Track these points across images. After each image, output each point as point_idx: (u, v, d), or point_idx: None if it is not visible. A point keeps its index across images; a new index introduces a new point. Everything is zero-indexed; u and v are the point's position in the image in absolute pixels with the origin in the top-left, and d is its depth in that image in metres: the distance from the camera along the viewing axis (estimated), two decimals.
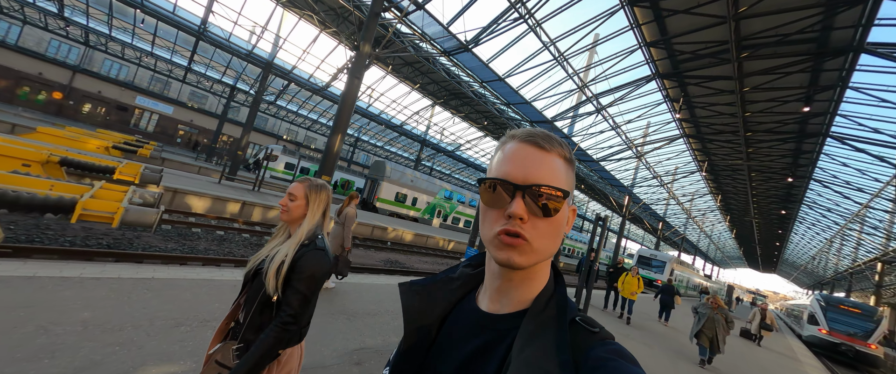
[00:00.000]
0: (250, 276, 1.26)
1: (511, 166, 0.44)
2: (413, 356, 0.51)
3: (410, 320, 0.52)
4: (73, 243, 5.24)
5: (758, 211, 26.76)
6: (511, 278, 0.47)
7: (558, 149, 0.46)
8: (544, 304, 0.45)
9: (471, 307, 0.51)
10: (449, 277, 0.56)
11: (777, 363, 8.31)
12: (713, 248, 54.20)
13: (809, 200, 21.21)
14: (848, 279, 30.26)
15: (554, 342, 0.40)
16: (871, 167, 13.73)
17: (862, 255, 25.31)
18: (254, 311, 1.19)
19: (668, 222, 32.71)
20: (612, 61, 11.71)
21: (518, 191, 0.43)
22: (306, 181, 1.33)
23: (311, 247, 1.23)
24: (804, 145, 14.39)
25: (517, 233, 0.42)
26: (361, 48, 8.58)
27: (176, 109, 32.04)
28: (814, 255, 34.98)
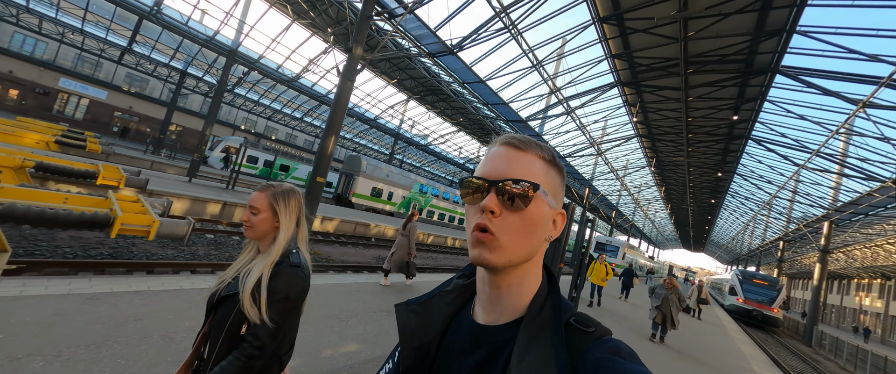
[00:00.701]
0: (215, 301, 1.08)
1: (488, 165, 0.47)
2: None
3: (407, 340, 0.51)
4: (119, 255, 5.50)
5: (693, 200, 30.74)
6: (498, 284, 0.47)
7: (536, 150, 0.47)
8: (538, 310, 0.45)
9: (467, 321, 0.51)
10: (444, 291, 0.56)
11: (712, 333, 10.14)
12: (655, 232, 60.83)
13: (733, 190, 24.93)
14: (758, 256, 36.11)
15: (551, 349, 0.41)
16: (778, 165, 16.65)
17: (769, 235, 30.35)
18: (221, 344, 1.02)
19: (620, 210, 36.23)
20: (582, 69, 12.87)
21: (492, 186, 0.45)
22: (268, 189, 1.15)
23: (285, 264, 1.07)
24: (731, 146, 16.98)
25: (486, 227, 0.44)
26: (354, 51, 8.65)
27: (111, 94, 28.44)
28: (733, 236, 41.01)
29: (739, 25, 9.19)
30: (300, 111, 33.03)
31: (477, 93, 14.79)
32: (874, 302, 29.40)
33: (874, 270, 26.92)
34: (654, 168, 22.07)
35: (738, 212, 30.17)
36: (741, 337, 11.26)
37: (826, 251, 19.25)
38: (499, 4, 9.54)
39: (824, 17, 7.47)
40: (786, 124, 13.18)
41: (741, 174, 20.54)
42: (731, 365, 6.66)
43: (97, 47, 25.25)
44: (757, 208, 25.26)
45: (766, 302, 20.05)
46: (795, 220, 22.88)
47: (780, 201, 21.54)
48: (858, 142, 12.10)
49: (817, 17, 10.74)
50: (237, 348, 1.00)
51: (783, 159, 15.28)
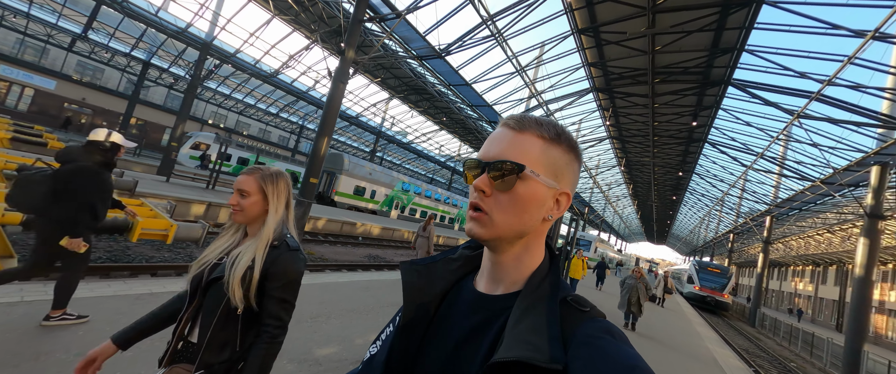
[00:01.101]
0: (202, 284, 1.05)
1: (485, 147, 0.49)
2: (412, 333, 0.52)
3: (410, 296, 0.53)
4: (118, 258, 5.52)
5: (657, 196, 33.16)
6: (498, 258, 0.49)
7: (534, 129, 0.47)
8: (537, 284, 0.47)
9: (468, 288, 0.53)
10: (449, 258, 0.58)
11: (673, 319, 11.31)
12: (623, 226, 64.64)
13: (691, 188, 27.23)
14: (712, 247, 39.61)
15: (545, 319, 0.42)
16: (730, 165, 18.53)
17: (722, 228, 33.42)
18: (214, 328, 0.99)
19: (592, 206, 38.29)
20: (561, 75, 13.68)
21: (485, 166, 0.47)
22: (257, 172, 1.14)
23: (283, 249, 1.07)
24: (690, 148, 18.65)
25: (478, 205, 0.46)
26: (346, 54, 8.78)
27: (60, 84, 26.06)
28: (691, 229, 44.61)
29: (699, 42, 10.27)
30: (275, 107, 31.89)
31: (462, 94, 15.24)
32: (806, 287, 33.33)
33: (807, 258, 30.52)
34: (623, 167, 23.66)
35: (696, 208, 32.97)
36: (698, 320, 12.63)
37: (768, 242, 21.66)
38: (486, 13, 10.00)
39: (769, 39, 8.65)
40: (736, 130, 14.77)
41: (699, 173, 22.56)
42: (691, 344, 7.63)
43: (44, 33, 23.01)
44: (711, 203, 27.79)
45: (718, 289, 22.29)
46: (743, 214, 25.46)
47: (731, 197, 23.90)
48: (794, 147, 13.84)
49: (763, 38, 12.05)
50: (234, 329, 1.00)
51: (733, 161, 17.05)
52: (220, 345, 0.99)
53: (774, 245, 30.50)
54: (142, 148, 26.25)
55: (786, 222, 23.12)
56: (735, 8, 8.48)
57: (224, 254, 1.09)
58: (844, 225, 19.80)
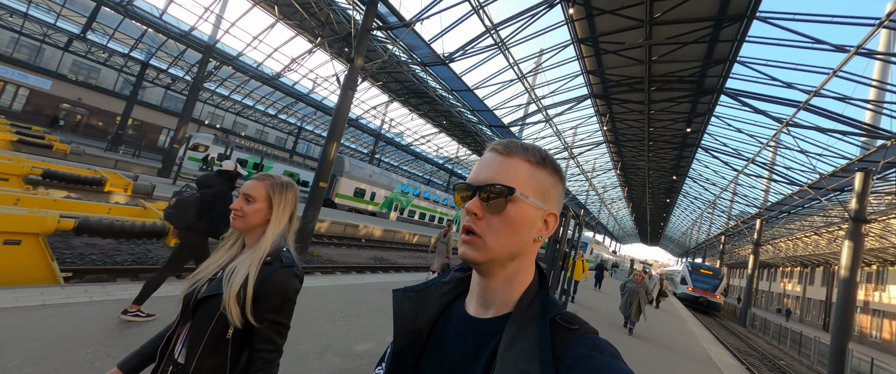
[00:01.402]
0: (194, 301, 0.99)
1: (475, 171, 0.51)
2: (405, 359, 0.52)
3: (400, 323, 0.54)
4: (141, 261, 5.52)
5: (651, 199, 33.80)
6: (489, 280, 0.50)
7: (521, 154, 0.49)
8: (527, 306, 0.48)
9: (459, 312, 0.54)
10: (441, 282, 0.59)
11: (668, 319, 11.71)
12: (617, 228, 65.49)
13: (685, 191, 27.86)
14: (704, 248, 40.42)
15: (536, 343, 0.42)
16: (722, 170, 19.10)
17: (713, 230, 34.17)
18: (202, 352, 0.93)
19: (587, 208, 38.85)
20: (561, 82, 14.06)
21: (476, 191, 0.48)
22: (267, 179, 1.09)
23: (277, 265, 0.99)
24: (684, 152, 19.18)
25: (471, 229, 0.48)
26: (355, 61, 9.03)
27: (55, 84, 25.84)
28: (684, 231, 45.44)
29: (694, 53, 10.71)
30: (274, 108, 31.90)
31: (463, 99, 15.55)
32: (795, 287, 34.21)
33: (795, 259, 31.36)
34: (619, 170, 24.16)
35: (689, 210, 33.67)
36: (692, 320, 13.06)
37: (758, 244, 22.30)
38: (490, 23, 10.32)
39: (760, 51, 9.12)
40: (728, 136, 15.29)
41: (692, 177, 23.15)
42: (687, 343, 7.99)
43: (39, 32, 22.82)
44: (704, 206, 28.45)
45: (710, 290, 22.86)
46: (734, 217, 26.13)
47: (723, 200, 24.54)
48: (783, 153, 14.38)
49: (755, 50, 12.62)
50: (225, 351, 0.94)
51: (725, 165, 17.60)
52: (209, 372, 0.92)
53: (764, 247, 31.30)
54: (140, 149, 26.11)
55: (775, 225, 23.81)
56: (728, 22, 8.91)
57: (220, 269, 1.03)
58: (831, 228, 20.49)
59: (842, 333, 10.76)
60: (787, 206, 18.38)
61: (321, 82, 21.18)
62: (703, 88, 12.32)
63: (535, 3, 9.58)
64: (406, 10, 10.15)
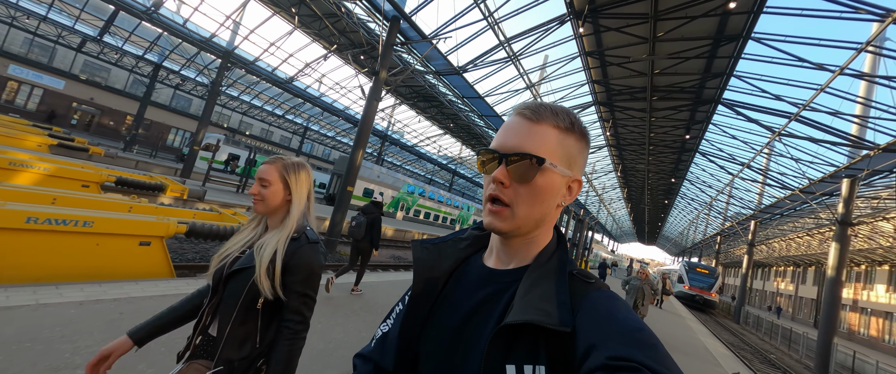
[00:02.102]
0: (223, 277, 1.03)
1: (501, 137, 0.49)
2: (419, 306, 0.53)
3: (419, 271, 0.54)
4: (205, 259, 6.13)
5: (650, 200, 34.67)
6: (510, 243, 0.51)
7: (550, 119, 0.48)
8: (546, 260, 0.49)
9: (478, 264, 0.55)
10: (458, 237, 0.60)
11: (668, 316, 12.46)
12: (616, 227, 66.51)
13: (682, 193, 28.72)
14: (700, 248, 41.42)
15: (554, 288, 0.44)
16: (718, 173, 19.91)
17: (709, 231, 35.11)
18: (234, 322, 0.97)
19: (587, 208, 39.72)
20: (567, 90, 14.79)
21: (502, 158, 0.47)
22: (278, 161, 1.13)
23: (303, 241, 1.04)
24: (683, 157, 19.98)
25: (498, 197, 0.47)
26: (379, 75, 9.69)
27: (68, 84, 26.30)
28: (681, 231, 46.42)
29: (693, 67, 11.44)
30: (281, 109, 32.42)
31: (474, 106, 16.25)
32: (788, 286, 35.24)
33: (788, 259, 32.35)
34: (619, 173, 24.96)
35: (686, 211, 34.59)
36: (689, 316, 13.87)
37: (752, 245, 23.18)
38: (503, 37, 11.01)
39: (754, 66, 9.72)
40: (724, 143, 16.09)
41: (689, 180, 23.98)
42: (686, 337, 8.76)
43: (54, 33, 23.26)
44: (700, 207, 29.33)
45: (706, 288, 23.74)
46: (730, 218, 27.01)
47: (719, 202, 25.40)
48: (776, 159, 15.19)
49: (750, 65, 13.39)
50: (254, 322, 0.98)
51: (721, 169, 18.41)
52: (241, 340, 0.97)
53: (758, 247, 32.26)
54: (157, 150, 26.59)
55: (769, 226, 24.70)
56: (725, 41, 9.64)
57: (246, 247, 1.08)
58: (822, 229, 21.38)
59: (828, 329, 11.59)
60: (780, 209, 19.23)
61: (332, 86, 21.78)
62: (701, 99, 13.08)
63: (548, 20, 10.28)
64: (421, 20, 10.78)
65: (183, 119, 33.52)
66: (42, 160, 5.59)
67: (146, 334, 1.02)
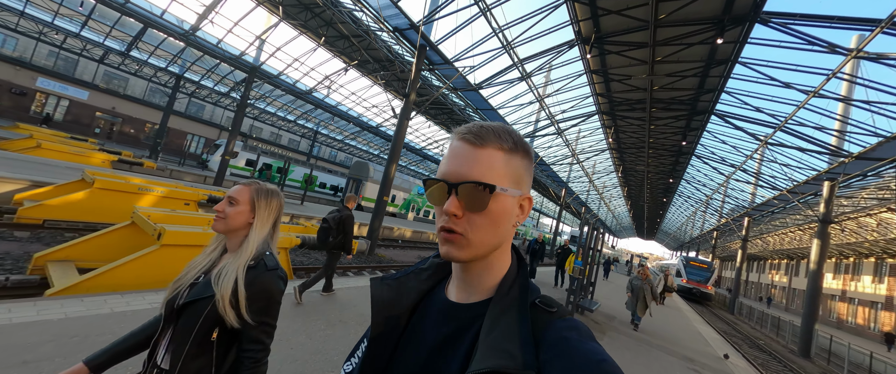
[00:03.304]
0: (176, 307, 0.99)
1: (447, 165, 0.48)
2: (382, 346, 0.52)
3: (378, 310, 0.53)
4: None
5: (649, 196, 36.03)
6: (469, 269, 0.50)
7: (494, 142, 0.47)
8: (507, 290, 0.48)
9: (440, 298, 0.54)
10: (419, 269, 0.58)
11: (670, 312, 13.63)
12: (615, 223, 68.00)
13: (680, 191, 30.07)
14: (697, 243, 42.87)
15: (516, 325, 0.43)
16: (713, 174, 21.22)
17: (706, 226, 36.52)
18: (187, 355, 0.94)
19: (588, 206, 41.09)
20: (573, 101, 16.03)
21: (452, 189, 0.46)
22: (253, 184, 1.11)
23: (262, 268, 1.01)
24: (680, 159, 21.28)
25: (452, 229, 0.46)
26: (409, 97, 10.92)
27: (92, 94, 27.45)
28: (679, 226, 47.87)
29: (689, 83, 12.69)
30: (293, 114, 33.51)
31: (486, 116, 17.50)
32: (782, 278, 36.74)
33: (781, 252, 33.81)
34: (620, 174, 26.29)
35: (684, 208, 35.97)
36: (687, 308, 15.22)
37: (746, 240, 24.55)
38: (517, 58, 12.23)
39: (742, 84, 10.80)
40: (719, 148, 17.38)
41: (686, 180, 25.30)
42: (681, 323, 10.09)
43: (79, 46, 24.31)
44: (697, 204, 30.71)
45: (702, 281, 25.16)
46: (725, 215, 28.39)
47: (715, 200, 26.75)
48: (766, 163, 16.49)
49: (738, 84, 14.23)
50: (209, 355, 0.96)
51: (716, 171, 19.73)
52: (195, 372, 0.94)
53: (753, 241, 33.68)
54: (185, 159, 27.67)
55: (761, 223, 26.08)
56: (715, 65, 10.89)
57: (201, 274, 1.05)
58: (812, 224, 22.76)
59: (810, 316, 12.96)
60: (770, 208, 20.58)
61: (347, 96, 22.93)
62: (696, 110, 14.34)
63: (559, 43, 11.50)
64: (439, 39, 11.60)
65: (198, 125, 34.69)
66: (159, 184, 6.82)
67: (103, 362, 0.98)
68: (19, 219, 5.20)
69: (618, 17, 9.62)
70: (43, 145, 10.39)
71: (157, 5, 14.18)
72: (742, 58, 10.24)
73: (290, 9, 12.92)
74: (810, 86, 9.97)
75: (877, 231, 19.45)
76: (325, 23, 14.13)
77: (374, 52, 15.31)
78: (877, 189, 14.11)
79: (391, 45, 13.21)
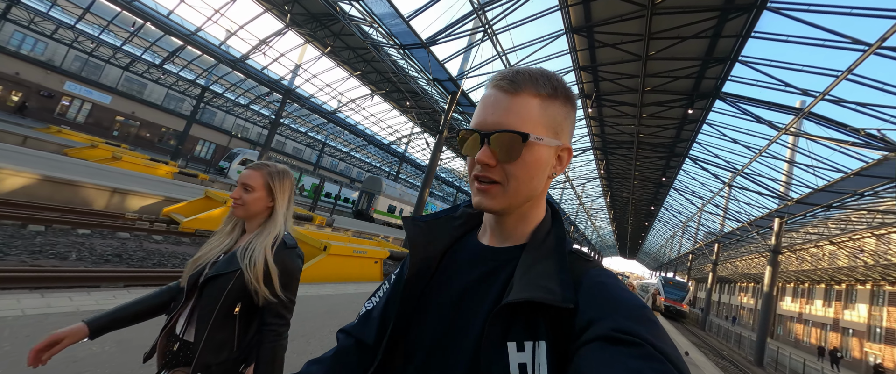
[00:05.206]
0: (199, 282, 1.04)
1: (480, 114, 0.46)
2: (414, 285, 0.52)
3: (416, 250, 0.53)
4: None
5: (633, 218, 39.09)
6: (503, 219, 0.50)
7: (530, 88, 0.45)
8: (543, 238, 0.49)
9: (473, 242, 0.54)
10: (450, 215, 0.58)
11: None
12: (600, 241, 71.33)
13: (659, 217, 33.14)
14: (675, 264, 46.14)
15: (555, 267, 0.44)
16: (687, 204, 24.17)
17: (682, 250, 39.74)
18: (212, 327, 0.98)
19: (577, 225, 43.89)
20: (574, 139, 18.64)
21: (484, 138, 0.45)
22: (264, 168, 1.14)
23: (281, 246, 1.08)
24: (660, 190, 24.17)
25: (486, 177, 0.45)
26: (442, 133, 13.12)
27: (114, 99, 28.62)
28: (658, 248, 51.24)
29: (669, 134, 15.40)
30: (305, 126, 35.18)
31: None
32: (749, 300, 40.06)
33: (749, 276, 37.18)
34: (607, 199, 29.06)
35: (663, 231, 39.17)
36: (663, 322, 17.60)
37: (716, 264, 27.49)
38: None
39: (709, 139, 12.93)
40: (692, 184, 20.27)
41: (666, 208, 28.31)
42: None
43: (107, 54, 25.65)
44: (675, 228, 33.83)
45: (678, 300, 27.83)
46: (699, 240, 31.50)
47: (690, 227, 29.82)
48: (732, 201, 19.42)
49: (706, 138, 14.86)
50: (232, 328, 1.00)
51: (690, 203, 22.64)
52: (218, 345, 0.99)
53: (723, 265, 36.95)
54: (211, 168, 28.69)
55: (729, 248, 29.22)
56: (688, 123, 13.61)
57: (222, 253, 1.10)
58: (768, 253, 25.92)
59: (763, 331, 15.49)
60: (736, 237, 23.59)
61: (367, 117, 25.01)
62: (674, 153, 17.12)
63: (548, 33, 13.85)
64: (453, 66, 13.53)
65: (209, 131, 35.88)
66: None
67: (102, 325, 0.99)
68: (183, 229, 7.02)
69: (612, 84, 12.22)
70: (125, 158, 11.94)
71: (192, 22, 15.92)
72: (708, 120, 12.97)
73: (357, 64, 14.92)
74: (766, 139, 12.67)
75: (823, 261, 22.63)
76: (374, 69, 16.36)
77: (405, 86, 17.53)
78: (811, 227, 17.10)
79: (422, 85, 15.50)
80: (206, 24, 14.70)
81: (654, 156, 18.20)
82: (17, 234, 4.74)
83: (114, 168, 11.07)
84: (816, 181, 12.41)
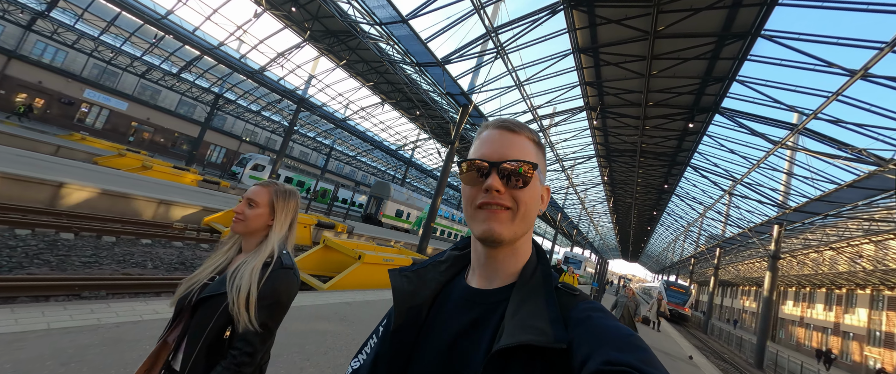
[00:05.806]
0: (189, 304, 0.99)
1: (486, 148, 0.51)
2: (404, 336, 0.53)
3: (400, 301, 0.54)
4: None
5: (636, 222, 39.57)
6: (495, 255, 0.51)
7: (527, 133, 0.52)
8: (530, 275, 0.50)
9: (461, 286, 0.55)
10: (437, 261, 0.60)
11: (664, 340, 12.33)
12: (602, 244, 71.68)
13: (662, 221, 33.62)
14: (677, 267, 46.50)
15: (544, 304, 0.45)
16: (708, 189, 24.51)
17: (684, 254, 40.17)
18: (199, 353, 0.93)
19: (579, 229, 44.37)
20: (579, 146, 19.25)
21: (493, 167, 0.48)
22: (271, 186, 1.13)
23: (276, 266, 1.02)
24: (662, 196, 24.71)
25: (497, 203, 0.48)
26: (454, 144, 13.76)
27: (130, 106, 29.47)
28: (661, 251, 51.61)
29: (671, 144, 15.98)
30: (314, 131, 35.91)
31: None
32: (751, 303, 40.38)
33: (751, 280, 37.54)
34: (610, 204, 29.59)
35: (665, 235, 39.62)
36: (666, 325, 18.11)
37: (717, 268, 27.95)
38: (537, 116, 15.30)
39: (709, 150, 13.27)
40: (693, 191, 20.81)
41: (668, 212, 28.82)
42: (663, 337, 12.85)
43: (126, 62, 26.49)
44: (677, 232, 34.29)
45: (681, 304, 28.30)
46: (701, 244, 31.97)
47: (692, 232, 30.31)
48: (733, 208, 19.95)
49: (706, 148, 15.40)
50: (221, 354, 0.93)
51: (691, 208, 23.16)
52: (205, 370, 0.93)
53: (725, 268, 37.35)
54: (225, 173, 29.34)
55: (731, 253, 29.68)
56: (688, 135, 14.19)
57: (216, 273, 1.06)
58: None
59: (763, 334, 15.99)
60: (737, 242, 24.08)
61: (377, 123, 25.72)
62: (676, 161, 17.70)
63: (574, 107, 14.65)
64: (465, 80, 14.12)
65: (220, 136, 36.68)
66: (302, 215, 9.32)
67: None
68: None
69: (616, 98, 12.84)
70: (155, 168, 12.62)
71: (214, 37, 16.65)
72: (709, 132, 13.56)
73: (371, 76, 15.59)
74: (764, 151, 13.24)
75: (824, 266, 23.08)
76: (386, 81, 17.05)
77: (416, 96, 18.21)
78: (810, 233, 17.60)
79: (433, 96, 16.16)
80: (229, 39, 15.42)
81: (657, 164, 18.79)
82: (98, 244, 5.41)
83: (151, 178, 11.74)
84: (813, 191, 12.98)
